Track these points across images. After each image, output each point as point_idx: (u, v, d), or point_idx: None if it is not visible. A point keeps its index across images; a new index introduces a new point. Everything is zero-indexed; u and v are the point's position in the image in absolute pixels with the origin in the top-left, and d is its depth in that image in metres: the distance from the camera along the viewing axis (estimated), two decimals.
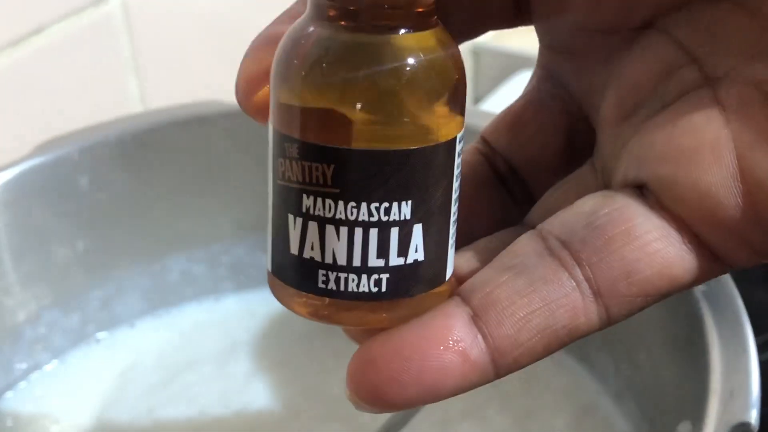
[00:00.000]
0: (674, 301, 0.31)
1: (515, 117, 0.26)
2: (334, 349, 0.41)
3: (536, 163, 0.25)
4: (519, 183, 0.26)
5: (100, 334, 0.42)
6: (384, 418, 0.33)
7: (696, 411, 0.28)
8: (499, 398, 0.39)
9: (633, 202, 0.21)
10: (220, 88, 0.53)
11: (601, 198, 0.21)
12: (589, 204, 0.21)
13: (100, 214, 0.40)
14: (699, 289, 0.29)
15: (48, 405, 0.40)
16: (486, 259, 0.23)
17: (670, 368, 0.33)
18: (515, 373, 0.40)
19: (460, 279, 0.22)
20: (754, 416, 0.26)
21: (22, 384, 0.40)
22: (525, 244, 0.21)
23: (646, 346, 0.35)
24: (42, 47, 0.46)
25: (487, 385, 0.41)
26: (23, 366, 0.40)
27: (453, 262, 0.22)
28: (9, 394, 0.40)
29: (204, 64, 0.56)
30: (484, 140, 0.26)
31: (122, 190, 0.41)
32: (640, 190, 0.21)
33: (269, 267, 0.21)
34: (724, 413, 0.27)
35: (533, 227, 0.22)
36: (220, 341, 0.42)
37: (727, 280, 0.30)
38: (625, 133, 0.22)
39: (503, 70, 0.61)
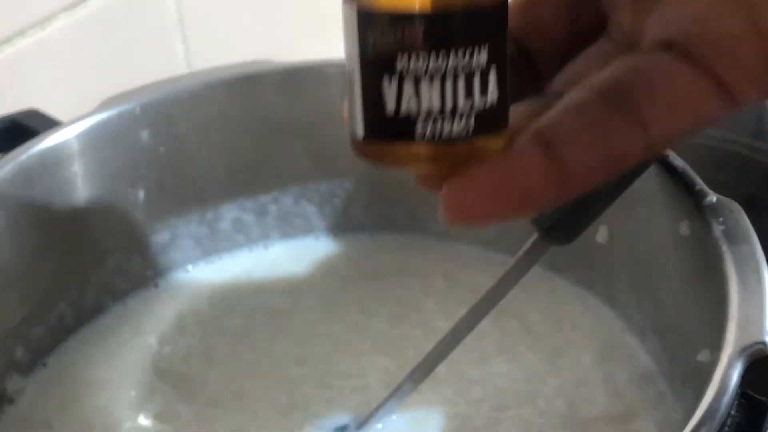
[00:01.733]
0: (695, 240, 0.34)
1: (529, 1, 0.29)
2: (377, 292, 0.44)
3: (546, 44, 0.29)
4: (529, 63, 0.29)
5: (158, 279, 0.45)
6: (427, 350, 0.36)
7: (714, 340, 0.30)
8: (531, 338, 0.42)
9: (665, 55, 0.25)
10: (263, 52, 0.56)
11: (638, 55, 0.25)
12: (629, 60, 0.25)
13: (160, 165, 0.43)
14: (718, 228, 0.32)
15: (111, 345, 0.43)
16: (521, 116, 0.26)
17: (690, 304, 0.35)
18: (545, 315, 0.43)
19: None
20: None
21: (89, 325, 0.43)
22: (580, 93, 0.25)
23: (668, 285, 0.37)
24: (97, 10, 0.49)
25: (519, 326, 0.44)
26: (91, 306, 0.43)
27: None
28: (75, 335, 0.43)
29: (248, 29, 0.58)
30: None
31: (179, 144, 0.44)
32: (668, 47, 0.25)
33: (359, 136, 0.24)
34: (740, 337, 0.29)
35: (556, 95, 0.26)
36: (269, 285, 0.45)
37: (745, 220, 0.32)
38: (646, 6, 0.26)
39: None
